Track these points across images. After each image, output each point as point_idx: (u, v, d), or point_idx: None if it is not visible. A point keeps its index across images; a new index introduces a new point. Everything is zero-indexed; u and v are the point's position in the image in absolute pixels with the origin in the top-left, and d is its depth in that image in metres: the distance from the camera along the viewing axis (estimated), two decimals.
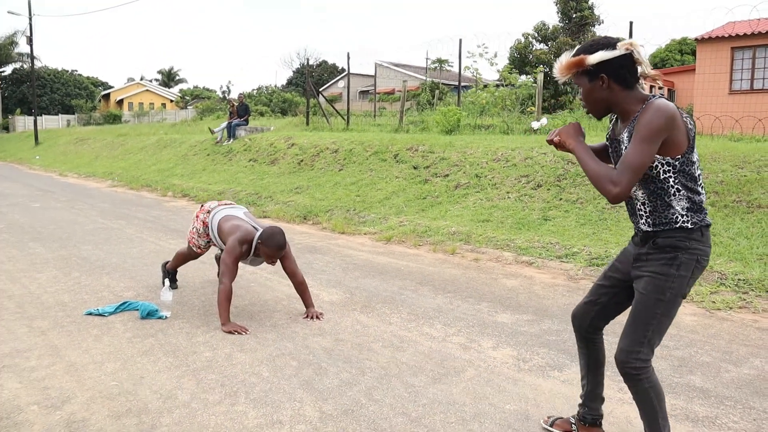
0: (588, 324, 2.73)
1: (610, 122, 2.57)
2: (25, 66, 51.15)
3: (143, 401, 3.19)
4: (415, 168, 10.33)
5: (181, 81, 71.99)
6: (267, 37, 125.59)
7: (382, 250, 7.18)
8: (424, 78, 28.53)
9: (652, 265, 2.37)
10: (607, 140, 2.56)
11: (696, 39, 15.39)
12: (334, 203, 9.80)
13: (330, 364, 3.72)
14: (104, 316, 4.61)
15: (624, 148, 2.35)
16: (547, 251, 6.50)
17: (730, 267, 5.41)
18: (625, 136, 2.36)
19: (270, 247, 4.44)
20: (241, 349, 3.96)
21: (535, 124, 12.27)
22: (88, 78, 65.07)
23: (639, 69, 2.33)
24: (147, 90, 59.93)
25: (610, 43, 2.32)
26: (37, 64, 47.96)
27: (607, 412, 3.05)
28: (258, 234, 4.54)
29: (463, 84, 17.50)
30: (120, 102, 57.13)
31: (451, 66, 25.25)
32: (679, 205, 2.33)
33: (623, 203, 2.80)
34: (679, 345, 4.05)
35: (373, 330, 4.36)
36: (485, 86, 16.95)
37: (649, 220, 2.39)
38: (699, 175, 2.36)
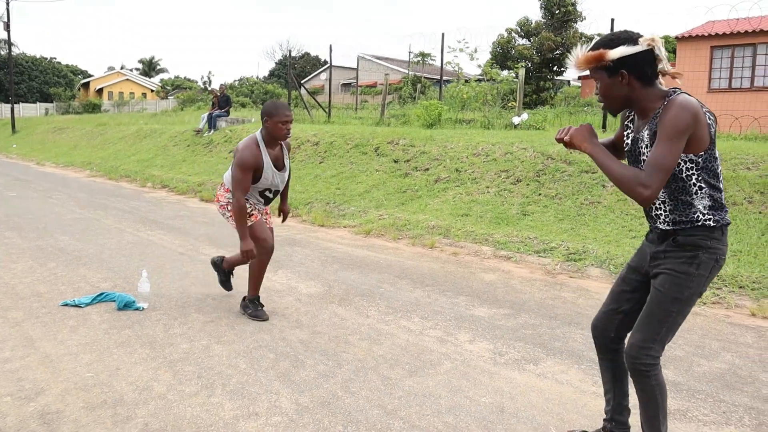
0: (613, 335, 2.59)
1: (626, 119, 2.47)
2: (2, 52, 50.26)
3: (119, 393, 3.18)
4: (395, 161, 10.34)
5: (162, 71, 71.23)
6: (249, 28, 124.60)
7: (362, 244, 7.20)
8: (407, 71, 28.54)
9: (671, 262, 2.31)
10: (624, 137, 2.46)
11: (676, 37, 15.55)
12: (314, 196, 9.79)
13: (307, 356, 3.74)
14: (80, 307, 4.57)
15: (644, 146, 2.28)
16: (526, 246, 6.56)
17: None
18: (645, 134, 2.27)
19: (279, 114, 4.19)
20: (218, 341, 3.96)
21: (516, 120, 12.34)
22: (67, 66, 64.15)
23: (659, 65, 2.24)
24: (127, 79, 59.15)
25: (631, 37, 2.22)
26: (15, 51, 47.16)
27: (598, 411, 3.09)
28: (260, 135, 4.31)
29: (445, 78, 17.54)
30: (100, 91, 56.33)
31: (434, 60, 25.27)
32: (701, 204, 2.25)
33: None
34: None
35: (350, 323, 4.38)
36: (467, 81, 16.99)
37: (668, 219, 2.32)
38: (720, 171, 2.28)
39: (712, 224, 2.25)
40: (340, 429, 2.86)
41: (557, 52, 23.66)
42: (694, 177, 2.24)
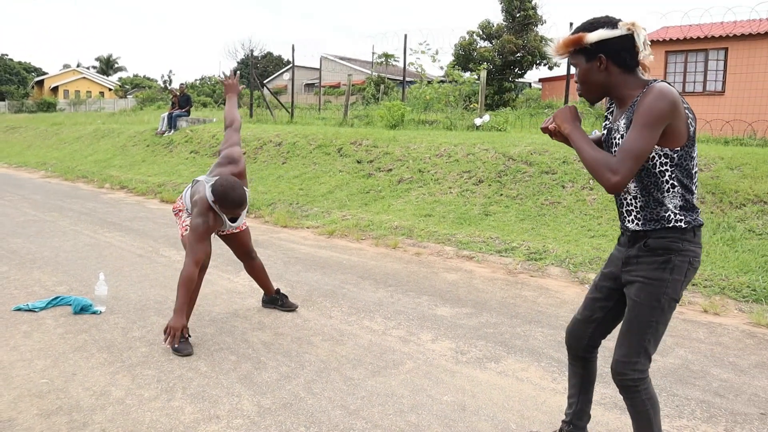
0: (586, 343, 2.56)
1: (606, 111, 2.41)
2: None
3: (75, 398, 3.11)
4: (358, 162, 10.34)
5: (120, 69, 69.89)
6: (211, 26, 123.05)
7: (325, 244, 7.18)
8: (370, 72, 28.56)
9: (644, 269, 2.22)
10: (603, 129, 2.39)
11: None
12: (277, 197, 9.73)
13: (269, 358, 3.71)
14: (35, 311, 4.45)
15: (619, 136, 2.19)
16: (488, 246, 6.63)
17: None
18: (622, 123, 2.19)
19: (228, 208, 3.79)
20: None
21: (478, 121, 12.46)
22: (19, 63, 62.43)
23: (639, 54, 2.16)
24: (84, 77, 57.86)
25: (611, 21, 2.16)
26: None
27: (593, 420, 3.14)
28: (209, 192, 3.80)
29: (408, 79, 17.61)
30: (55, 89, 54.94)
31: (397, 61, 25.37)
32: (672, 203, 2.17)
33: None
34: (610, 336, 4.20)
35: (313, 323, 4.36)
36: (429, 82, 17.10)
37: (638, 216, 2.24)
38: (695, 173, 2.20)
39: (684, 225, 2.17)
40: (303, 430, 2.85)
41: (518, 54, 23.95)
42: (667, 174, 2.15)
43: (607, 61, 2.17)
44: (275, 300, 4.68)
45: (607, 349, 3.95)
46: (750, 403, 3.24)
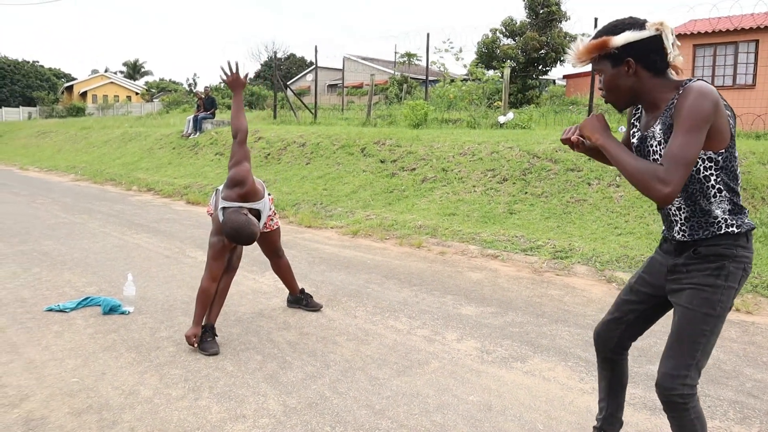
0: (614, 344, 2.44)
1: (633, 117, 2.26)
2: None
3: (105, 397, 3.15)
4: (382, 162, 10.34)
5: (146, 73, 70.72)
6: (235, 29, 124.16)
7: (349, 244, 7.19)
8: (393, 72, 28.55)
9: (696, 276, 2.07)
10: (630, 138, 2.24)
11: None
12: (301, 197, 9.77)
13: (294, 357, 3.73)
14: (65, 312, 4.53)
15: (656, 143, 2.05)
16: (512, 244, 6.58)
17: None
18: (657, 129, 2.04)
19: (231, 239, 3.80)
20: None
21: (502, 119, 12.38)
22: (50, 69, 63.62)
23: (669, 55, 2.01)
24: (111, 82, 58.72)
25: (637, 23, 2.02)
26: None
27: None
28: (221, 217, 3.84)
29: (431, 78, 17.56)
30: (83, 94, 55.87)
31: (420, 60, 25.34)
32: (720, 209, 2.03)
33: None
34: (641, 338, 4.14)
35: (338, 323, 4.37)
36: (452, 81, 17.04)
37: (685, 227, 2.10)
38: (739, 173, 2.07)
39: (736, 230, 2.03)
40: (328, 430, 2.85)
41: (542, 51, 23.73)
42: (713, 178, 2.01)
43: (636, 64, 2.02)
44: (300, 300, 4.70)
45: (637, 349, 3.89)
46: None
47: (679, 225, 2.11)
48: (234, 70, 4.10)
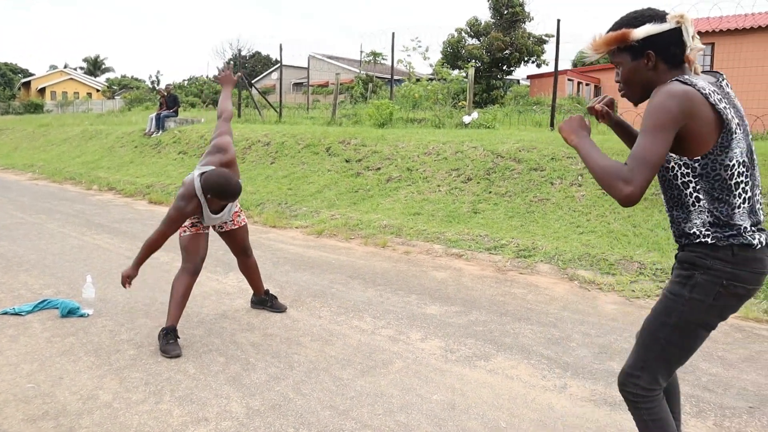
0: None
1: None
2: None
3: (62, 403, 3.08)
4: (347, 161, 10.33)
5: (107, 70, 69.39)
6: (199, 26, 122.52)
7: (314, 244, 7.16)
8: (358, 71, 28.52)
9: (670, 282, 2.06)
10: None
11: None
12: (266, 197, 9.69)
13: (258, 359, 3.70)
14: (21, 315, 4.41)
15: None
16: (477, 243, 6.63)
17: (648, 257, 5.67)
18: None
19: (222, 199, 3.83)
20: None
21: (467, 119, 12.46)
22: (6, 64, 61.85)
23: (687, 49, 1.96)
24: (71, 78, 57.42)
25: (657, 15, 1.96)
26: None
27: None
28: (198, 182, 3.81)
29: (396, 77, 17.59)
30: (42, 90, 54.50)
31: (385, 59, 25.35)
32: (699, 219, 1.95)
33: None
34: (600, 333, 4.23)
35: (302, 324, 4.35)
36: (418, 80, 17.09)
37: (673, 230, 2.07)
38: (742, 183, 1.91)
39: (711, 241, 1.93)
40: (292, 431, 2.84)
41: (506, 51, 24.01)
42: (690, 186, 1.94)
43: (656, 57, 1.97)
44: (264, 301, 4.67)
45: (598, 346, 3.96)
46: (739, 397, 3.26)
47: (671, 227, 2.11)
48: (226, 68, 4.41)
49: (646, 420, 2.10)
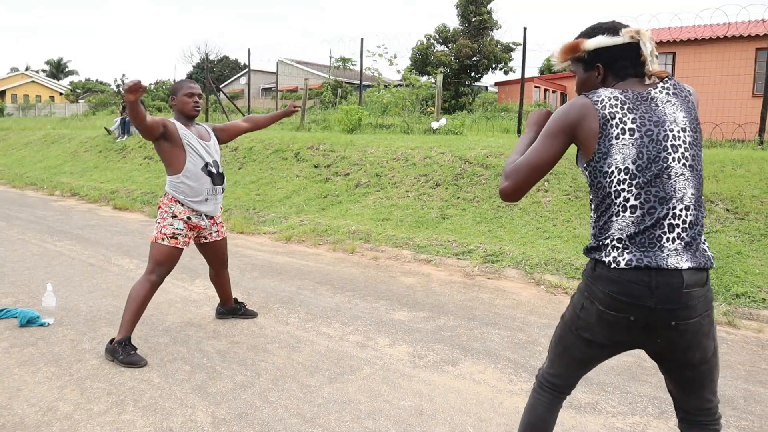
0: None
1: None
2: None
3: (19, 415, 3.00)
4: (315, 167, 10.29)
5: (71, 73, 68.04)
6: (166, 29, 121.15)
7: (282, 250, 7.11)
8: (327, 76, 28.51)
9: None
10: None
11: None
12: (233, 202, 9.60)
13: (224, 367, 3.65)
14: None
15: None
16: (445, 249, 6.66)
17: None
18: None
19: (183, 87, 3.97)
20: None
21: (435, 125, 12.54)
22: None
23: (647, 63, 1.90)
24: (33, 81, 56.14)
25: (614, 28, 1.92)
26: None
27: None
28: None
29: (365, 83, 17.61)
30: (2, 93, 53.17)
31: (355, 65, 25.39)
32: (593, 227, 1.92)
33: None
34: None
35: (269, 331, 4.31)
36: (386, 86, 17.14)
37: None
38: (625, 191, 1.80)
39: (585, 252, 1.93)
40: None
41: (474, 58, 24.23)
42: (590, 194, 1.95)
43: (605, 70, 1.94)
44: (235, 310, 4.59)
45: None
46: None
47: None
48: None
49: (527, 405, 2.20)
